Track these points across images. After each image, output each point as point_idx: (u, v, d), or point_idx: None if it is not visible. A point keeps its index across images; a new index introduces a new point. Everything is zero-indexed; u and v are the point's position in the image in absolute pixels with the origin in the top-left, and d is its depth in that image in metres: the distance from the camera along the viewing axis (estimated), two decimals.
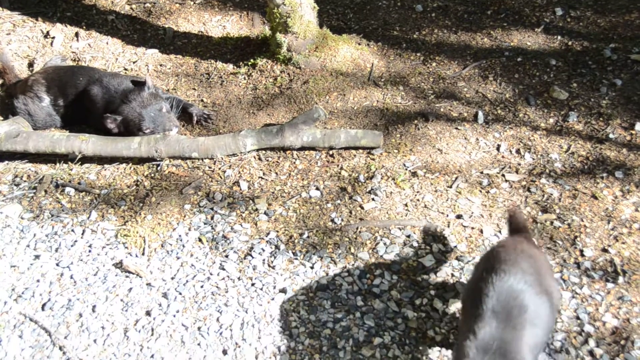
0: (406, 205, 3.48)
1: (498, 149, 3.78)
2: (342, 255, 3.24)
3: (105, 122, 3.92)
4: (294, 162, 3.82)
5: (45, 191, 3.80)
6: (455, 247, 3.25)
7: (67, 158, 3.98)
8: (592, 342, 2.81)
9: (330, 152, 3.85)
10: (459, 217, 3.40)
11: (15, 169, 3.98)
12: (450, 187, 3.57)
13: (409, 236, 3.31)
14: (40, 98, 4.25)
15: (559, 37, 4.44)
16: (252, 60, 4.41)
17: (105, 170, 3.91)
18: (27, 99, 4.26)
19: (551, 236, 3.26)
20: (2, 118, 4.42)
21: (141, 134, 3.89)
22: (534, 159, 3.70)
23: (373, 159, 3.78)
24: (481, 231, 3.32)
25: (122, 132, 3.96)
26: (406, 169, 3.69)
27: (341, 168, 3.75)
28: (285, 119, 4.07)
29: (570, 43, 4.38)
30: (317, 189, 3.63)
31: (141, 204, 3.61)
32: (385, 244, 3.28)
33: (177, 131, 3.91)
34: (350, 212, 3.46)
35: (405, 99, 4.13)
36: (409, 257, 3.20)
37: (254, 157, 3.86)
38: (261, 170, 3.79)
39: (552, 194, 3.47)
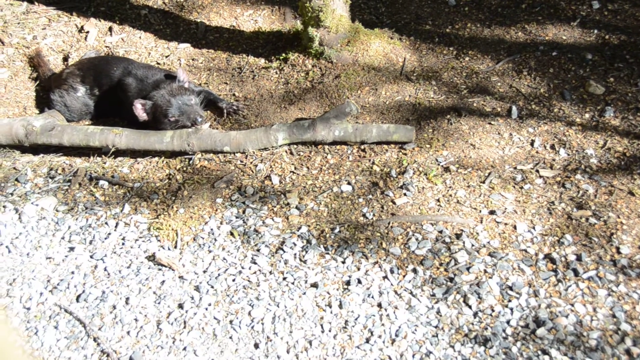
0: (438, 200, 3.46)
1: (532, 144, 3.74)
2: (374, 250, 3.23)
3: (135, 107, 3.96)
4: (326, 157, 3.81)
5: (80, 184, 3.85)
6: (488, 243, 3.22)
7: (100, 151, 4.04)
8: (628, 341, 2.76)
9: (362, 147, 3.84)
10: (492, 212, 3.36)
11: (51, 162, 4.04)
12: (483, 182, 3.53)
13: (441, 232, 3.28)
14: (76, 89, 4.31)
15: (596, 31, 4.36)
16: (283, 54, 4.41)
17: (138, 163, 3.95)
18: (62, 91, 4.33)
19: (586, 233, 3.21)
20: (38, 111, 4.49)
21: (166, 122, 3.93)
22: (569, 154, 3.64)
23: (405, 154, 3.75)
24: (514, 227, 3.28)
25: (150, 120, 4.00)
26: (438, 164, 3.66)
27: (373, 163, 3.73)
28: (317, 113, 4.06)
29: (607, 37, 4.30)
30: (349, 183, 3.62)
31: (173, 198, 3.64)
32: (417, 239, 3.26)
33: (202, 121, 3.92)
34: (382, 207, 3.44)
35: (437, 94, 4.10)
36: (442, 253, 3.18)
37: (286, 152, 3.87)
38: (293, 164, 3.79)
39: (587, 190, 3.42)
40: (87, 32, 4.97)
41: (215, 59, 4.58)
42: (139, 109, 3.97)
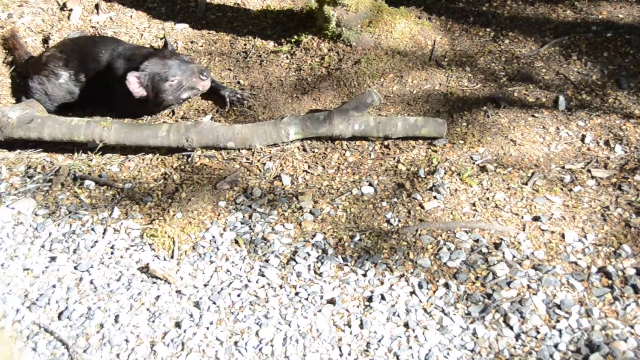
0: (474, 204, 3.44)
1: (583, 140, 3.71)
2: (400, 261, 3.22)
3: (129, 82, 3.98)
4: (344, 154, 3.81)
5: (62, 184, 3.86)
6: (532, 254, 3.20)
7: (86, 147, 4.05)
8: None
9: (386, 143, 3.83)
10: (536, 219, 3.34)
11: (29, 158, 4.06)
12: (526, 184, 3.51)
13: (477, 241, 3.27)
14: (58, 74, 4.33)
15: None
16: (295, 36, 4.42)
17: (129, 161, 3.96)
18: (42, 77, 4.35)
19: None
20: (14, 101, 4.51)
21: (169, 88, 3.97)
22: (626, 151, 3.62)
23: (435, 151, 3.74)
24: (562, 236, 3.26)
25: (149, 95, 4.02)
26: (474, 163, 3.65)
27: (398, 161, 3.72)
28: (333, 104, 4.07)
29: None
30: (370, 184, 3.61)
31: (170, 200, 3.64)
32: (449, 249, 3.24)
33: (208, 74, 3.99)
34: (409, 212, 3.44)
35: (472, 82, 4.09)
36: (478, 265, 3.16)
37: (298, 148, 3.87)
38: (306, 162, 3.79)
39: None
40: (71, 10, 4.99)
41: (217, 41, 4.60)
42: (134, 83, 4.00)
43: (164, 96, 4.02)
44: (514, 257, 3.19)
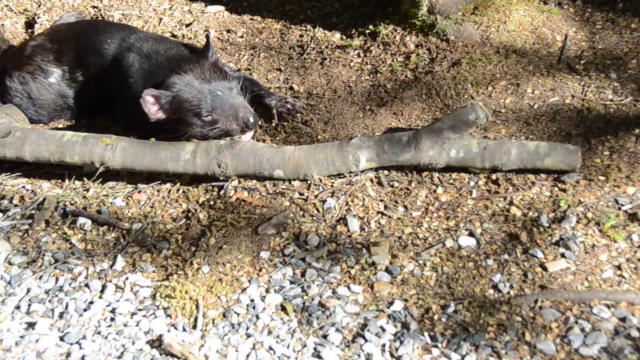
0: (619, 267, 3.41)
1: None
2: (511, 344, 3.20)
3: (144, 101, 4.01)
4: (434, 191, 3.83)
5: (47, 222, 3.95)
6: None
7: (81, 172, 4.15)
8: None
9: (494, 177, 3.84)
10: None
11: (2, 186, 4.15)
12: None
13: (623, 319, 3.23)
14: (47, 72, 4.41)
15: None
16: (371, 26, 4.45)
17: (139, 192, 4.04)
18: (25, 75, 4.43)
19: None
20: None
21: (198, 124, 4.01)
22: None
23: (564, 190, 3.73)
24: None
25: (169, 121, 4.07)
26: (619, 208, 3.61)
27: (510, 203, 3.72)
28: (421, 121, 4.09)
29: None
30: (471, 234, 3.61)
31: (193, 248, 3.69)
32: (583, 329, 3.21)
33: (255, 123, 3.99)
34: (525, 275, 3.42)
35: (619, 94, 4.06)
36: (625, 355, 3.13)
37: (371, 181, 3.90)
38: (381, 201, 3.81)
39: None
40: None
41: (263, 31, 4.65)
42: (150, 104, 4.04)
43: (188, 129, 4.05)
44: None
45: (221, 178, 3.97)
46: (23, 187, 4.15)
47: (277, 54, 4.55)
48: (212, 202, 3.91)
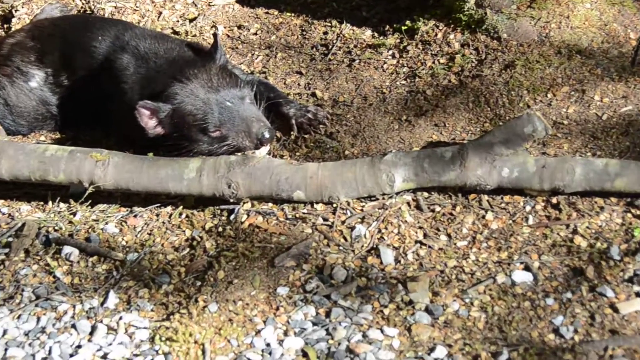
0: None
1: None
2: None
3: (139, 113, 4.01)
4: (483, 217, 3.81)
5: (27, 252, 3.93)
6: None
7: (67, 193, 4.14)
8: None
9: (554, 200, 3.82)
10: None
11: None
12: None
13: None
14: (26, 74, 4.41)
15: None
16: (408, 22, 4.45)
17: (135, 217, 4.03)
18: (1, 78, 4.44)
19: None
20: None
21: (204, 140, 4.01)
22: None
23: (639, 217, 3.70)
24: None
25: (169, 136, 4.07)
26: None
27: (574, 231, 3.69)
28: (467, 134, 4.08)
29: None
30: (527, 268, 3.58)
31: (199, 283, 3.67)
32: None
33: (270, 139, 3.97)
34: (592, 317, 3.38)
35: None
36: None
37: (408, 204, 3.88)
38: (420, 228, 3.79)
39: None
40: None
41: (280, 27, 4.65)
42: (146, 116, 4.04)
43: (192, 146, 4.04)
44: None
45: (231, 200, 3.95)
46: None
47: (297, 54, 4.54)
48: (220, 229, 3.89)
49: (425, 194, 3.92)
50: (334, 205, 3.90)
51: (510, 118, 4.01)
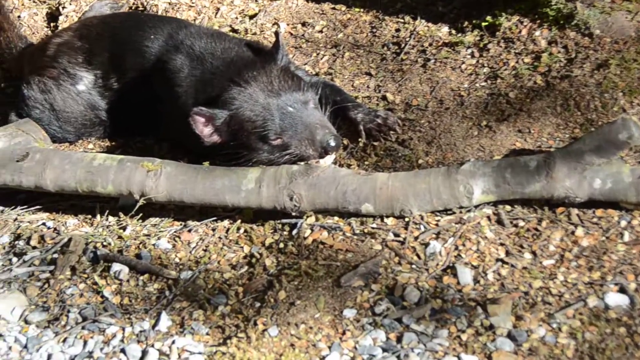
0: None
1: None
2: None
3: (194, 120, 4.03)
4: (572, 232, 3.77)
5: (73, 269, 3.97)
6: None
7: (117, 205, 4.19)
8: None
9: None
10: None
11: (18, 223, 4.19)
12: None
13: None
14: (74, 77, 4.44)
15: None
16: (489, 18, 4.43)
17: (189, 231, 4.06)
18: (47, 81, 4.47)
19: None
20: None
21: (264, 149, 4.03)
22: None
23: None
24: None
25: (226, 144, 4.10)
26: None
27: None
28: (554, 141, 4.06)
29: None
30: (623, 290, 3.53)
31: (258, 304, 3.67)
32: None
33: (336, 147, 3.98)
34: None
35: None
36: None
37: (488, 218, 3.86)
38: (502, 245, 3.76)
39: None
40: None
41: (348, 23, 4.65)
42: (201, 124, 4.06)
43: (252, 155, 4.07)
44: None
45: (294, 214, 3.96)
46: (43, 224, 4.18)
47: (366, 54, 4.55)
48: (281, 245, 3.90)
49: (508, 207, 3.89)
50: (406, 219, 3.90)
51: (603, 123, 3.98)
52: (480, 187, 3.83)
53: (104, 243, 4.06)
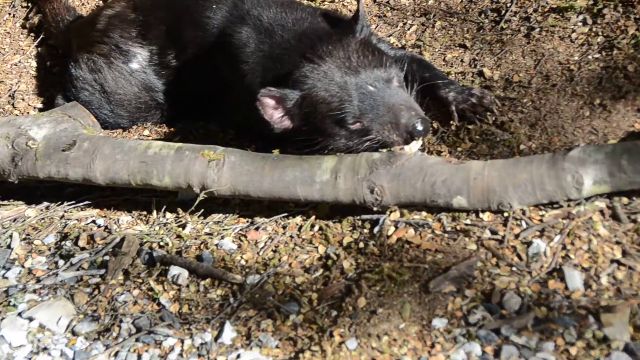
0: None
1: None
2: None
3: (261, 105, 4.00)
4: None
5: (126, 273, 3.92)
6: None
7: (175, 200, 4.15)
8: None
9: None
10: None
11: (64, 221, 4.17)
12: None
13: None
14: (127, 54, 4.42)
15: None
16: None
17: (256, 230, 4.00)
18: (97, 59, 4.46)
19: None
20: (41, 105, 4.67)
21: (341, 134, 4.00)
22: None
23: None
24: None
25: (298, 129, 4.08)
26: None
27: None
28: None
29: None
30: None
31: (335, 313, 3.61)
32: None
33: (424, 132, 3.92)
34: None
35: None
36: None
37: (601, 213, 3.75)
38: (618, 244, 3.65)
39: None
40: None
41: None
42: (271, 108, 4.02)
43: (327, 142, 4.03)
44: None
45: (375, 209, 3.88)
46: (93, 221, 4.16)
47: (460, 23, 4.50)
48: (361, 245, 3.83)
49: (624, 200, 3.77)
50: (505, 214, 3.81)
51: None
52: (591, 176, 3.70)
53: (161, 243, 4.02)
